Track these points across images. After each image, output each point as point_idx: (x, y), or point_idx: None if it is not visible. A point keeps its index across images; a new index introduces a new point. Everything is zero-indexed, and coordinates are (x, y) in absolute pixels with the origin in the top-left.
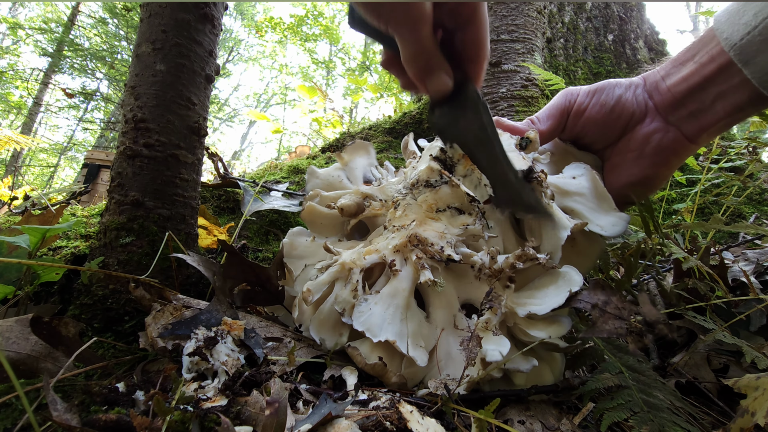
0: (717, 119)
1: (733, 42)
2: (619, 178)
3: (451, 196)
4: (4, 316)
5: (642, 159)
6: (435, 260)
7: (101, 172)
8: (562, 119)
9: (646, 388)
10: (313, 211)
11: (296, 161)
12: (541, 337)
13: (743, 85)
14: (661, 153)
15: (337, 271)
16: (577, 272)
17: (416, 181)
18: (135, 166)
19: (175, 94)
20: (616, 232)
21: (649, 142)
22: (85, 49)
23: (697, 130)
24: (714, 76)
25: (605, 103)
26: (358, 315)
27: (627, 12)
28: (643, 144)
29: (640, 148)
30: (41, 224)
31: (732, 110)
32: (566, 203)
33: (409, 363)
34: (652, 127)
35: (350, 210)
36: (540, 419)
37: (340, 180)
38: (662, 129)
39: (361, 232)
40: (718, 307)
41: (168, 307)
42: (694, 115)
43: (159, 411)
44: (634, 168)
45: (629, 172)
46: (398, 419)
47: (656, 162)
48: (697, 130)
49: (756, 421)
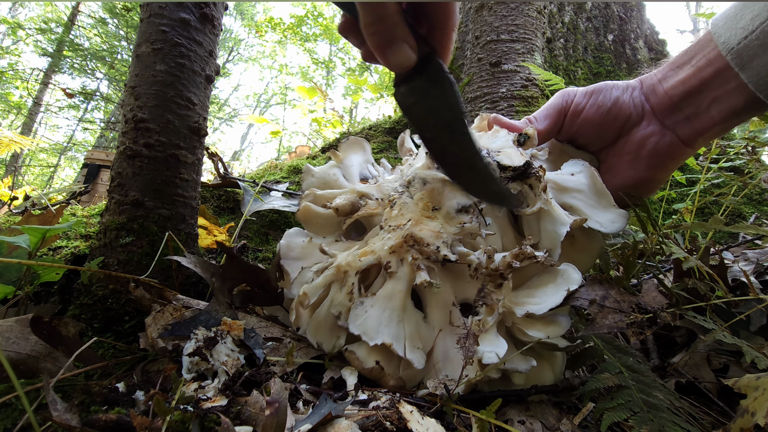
0: (713, 123)
1: (730, 46)
2: (615, 180)
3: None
4: (4, 316)
5: (638, 162)
6: (431, 260)
7: (101, 172)
8: (559, 119)
9: (646, 389)
10: (308, 211)
11: (296, 161)
12: (539, 337)
13: (740, 89)
14: (657, 156)
15: (333, 274)
16: (575, 270)
17: (413, 179)
18: (135, 166)
19: (175, 94)
20: (616, 228)
21: (646, 145)
22: (85, 49)
23: (693, 133)
24: (711, 79)
25: (602, 105)
26: (354, 318)
27: (627, 12)
28: (639, 147)
29: (636, 151)
30: (41, 224)
31: (728, 114)
32: (565, 200)
33: (407, 365)
34: (649, 131)
35: (345, 210)
36: (540, 419)
37: (336, 178)
38: (658, 132)
39: (358, 230)
40: (718, 307)
41: (168, 307)
42: (690, 119)
43: (159, 411)
44: (630, 171)
45: (625, 174)
46: (398, 419)
47: (652, 165)
48: (693, 134)
49: (756, 421)
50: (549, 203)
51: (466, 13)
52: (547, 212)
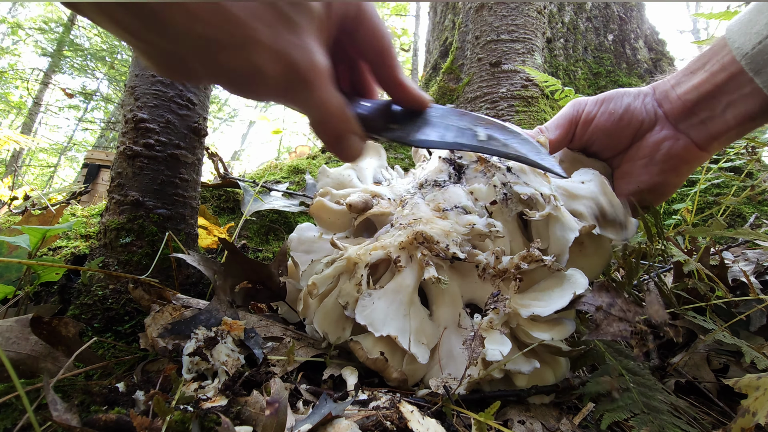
0: (727, 128)
1: (744, 51)
2: (629, 185)
3: (459, 196)
4: (4, 316)
5: (652, 166)
6: (440, 258)
7: (101, 172)
8: (570, 128)
9: (646, 391)
10: (322, 207)
11: (296, 161)
12: (543, 339)
13: (754, 94)
14: (671, 160)
15: (343, 265)
16: (582, 275)
17: (425, 181)
18: (135, 166)
19: (175, 94)
20: (625, 236)
21: (659, 149)
22: (85, 49)
23: (707, 137)
24: (725, 84)
25: (614, 112)
26: (361, 309)
27: (627, 12)
28: (653, 151)
29: (650, 155)
30: (41, 224)
31: (743, 119)
32: (575, 206)
33: (411, 360)
34: (662, 135)
35: (358, 207)
36: (540, 419)
37: (350, 179)
38: (672, 136)
39: (369, 230)
40: (718, 307)
41: (167, 307)
42: (704, 123)
43: (159, 411)
44: (644, 175)
45: (639, 179)
46: (398, 419)
47: (665, 169)
48: (708, 138)
49: (757, 421)
50: (558, 209)
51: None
52: (556, 218)
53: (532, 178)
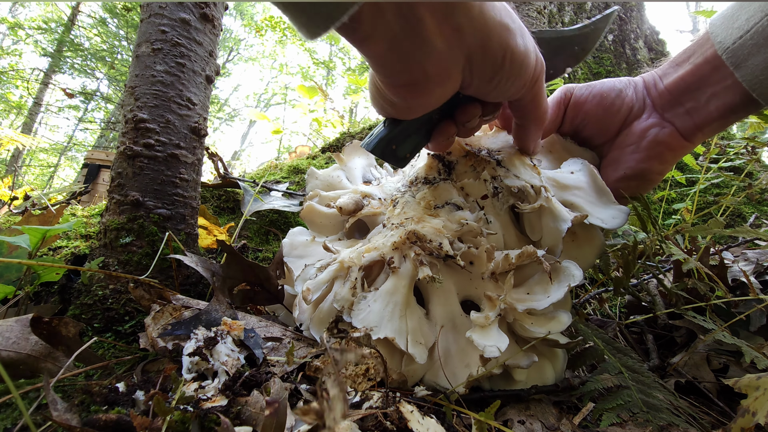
0: (711, 118)
1: (726, 46)
2: (616, 172)
3: (450, 193)
4: (4, 316)
5: (637, 152)
6: (433, 257)
7: (101, 172)
8: (559, 112)
9: (645, 389)
10: (312, 211)
11: (296, 161)
12: (540, 333)
13: (735, 87)
14: (657, 147)
15: (337, 269)
16: (577, 267)
17: (415, 179)
18: (135, 166)
19: (175, 94)
20: (617, 224)
21: (646, 136)
22: (85, 49)
23: (692, 127)
24: (708, 76)
25: (605, 96)
26: (357, 313)
27: (627, 12)
28: (639, 138)
29: (636, 142)
30: (41, 224)
31: (725, 111)
32: (565, 197)
33: (409, 360)
34: (649, 122)
35: (348, 209)
36: (540, 419)
37: (340, 180)
38: (658, 124)
39: (361, 231)
40: (718, 307)
41: (167, 307)
42: (689, 113)
43: (159, 411)
44: (630, 161)
45: (625, 165)
46: (398, 419)
47: (650, 156)
48: (692, 128)
49: (757, 421)
50: (550, 200)
51: None
52: (548, 209)
53: (522, 171)
